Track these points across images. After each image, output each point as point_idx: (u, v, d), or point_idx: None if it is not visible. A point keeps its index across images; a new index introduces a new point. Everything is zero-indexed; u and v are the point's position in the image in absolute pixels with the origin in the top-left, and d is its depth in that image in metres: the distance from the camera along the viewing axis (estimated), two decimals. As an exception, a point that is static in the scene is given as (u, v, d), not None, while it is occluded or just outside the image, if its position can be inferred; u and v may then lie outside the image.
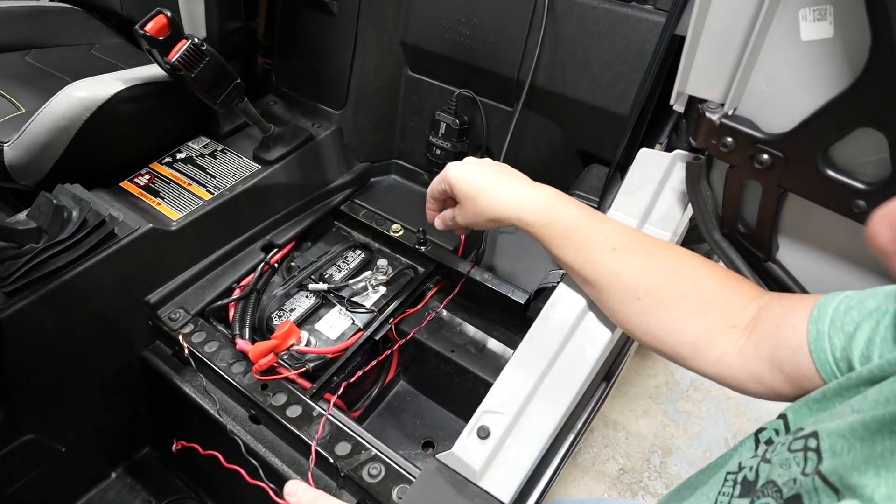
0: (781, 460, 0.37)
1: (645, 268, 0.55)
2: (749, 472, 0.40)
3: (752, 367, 0.49)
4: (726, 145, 0.57)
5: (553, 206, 0.58)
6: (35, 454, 0.80)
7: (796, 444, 0.37)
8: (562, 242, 0.58)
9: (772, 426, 0.44)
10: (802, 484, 0.34)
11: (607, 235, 0.56)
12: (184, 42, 0.75)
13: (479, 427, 0.58)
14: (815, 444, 0.35)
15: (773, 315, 0.49)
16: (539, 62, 0.84)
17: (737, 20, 0.53)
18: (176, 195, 0.87)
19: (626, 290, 0.55)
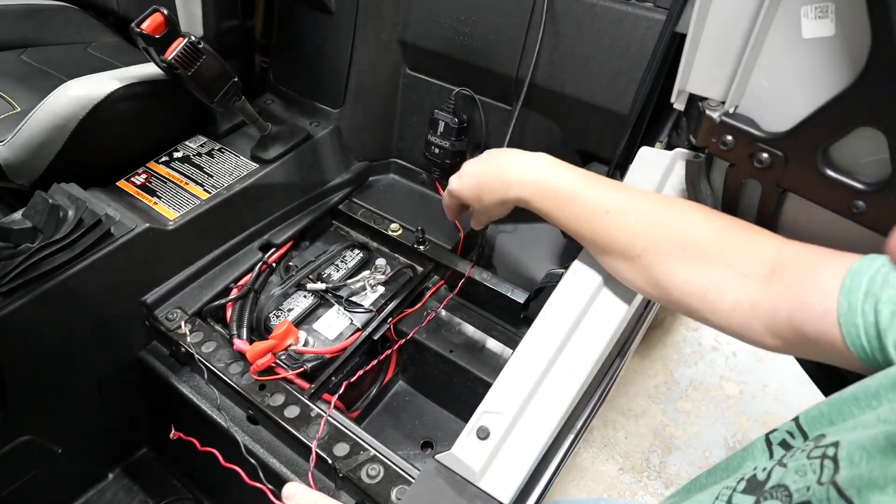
0: (798, 466, 0.36)
1: (640, 224, 0.55)
2: (761, 472, 0.40)
3: (769, 322, 0.47)
4: (726, 144, 0.56)
5: (544, 177, 0.60)
6: (32, 455, 0.79)
7: (815, 452, 0.36)
8: (558, 211, 0.59)
9: (783, 429, 0.43)
10: (816, 492, 0.33)
11: (600, 198, 0.57)
12: (181, 40, 0.75)
13: (478, 427, 0.58)
14: (834, 452, 0.34)
15: (799, 273, 0.46)
16: (538, 60, 0.84)
17: (738, 17, 0.52)
18: (173, 194, 0.87)
19: (625, 249, 0.56)
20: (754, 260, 0.50)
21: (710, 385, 1.41)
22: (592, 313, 0.64)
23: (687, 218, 0.55)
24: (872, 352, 0.40)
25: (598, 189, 0.58)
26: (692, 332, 1.52)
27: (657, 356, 1.46)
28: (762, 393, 1.40)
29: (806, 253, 0.48)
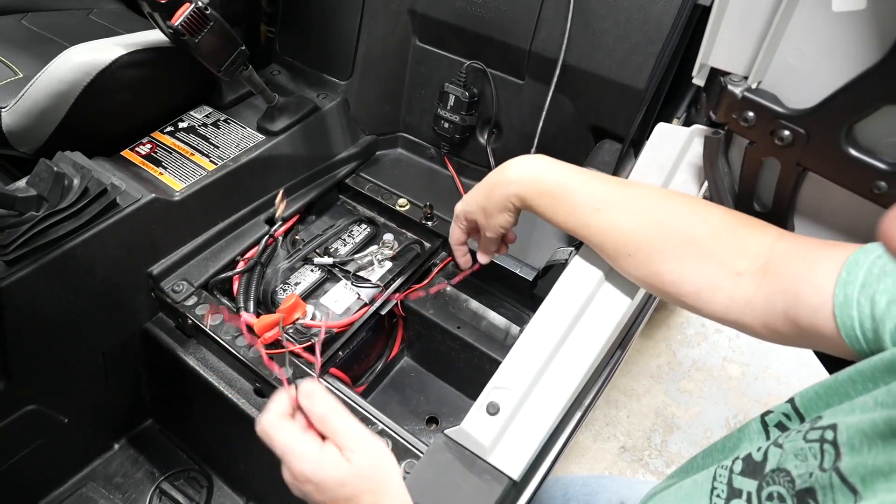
0: (796, 449, 0.36)
1: (632, 223, 0.55)
2: (756, 451, 0.40)
3: (764, 317, 0.48)
4: (747, 120, 0.55)
5: (539, 175, 0.59)
6: (37, 425, 0.80)
7: (812, 434, 0.36)
8: (552, 209, 0.59)
9: (779, 410, 0.43)
10: (818, 479, 0.33)
11: (593, 196, 0.57)
12: (187, 6, 0.73)
13: (488, 403, 0.58)
14: (833, 436, 0.34)
15: (793, 266, 0.46)
16: (552, 34, 0.82)
17: (766, -12, 0.51)
18: (178, 165, 0.86)
19: (617, 247, 0.57)
20: (747, 257, 0.50)
21: (712, 366, 1.42)
22: (604, 291, 0.64)
23: (680, 215, 0.54)
24: (867, 343, 0.40)
25: (592, 186, 0.58)
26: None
27: (661, 337, 1.46)
28: (764, 374, 1.41)
29: (799, 248, 0.48)
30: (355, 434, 0.46)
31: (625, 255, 0.56)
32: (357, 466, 0.45)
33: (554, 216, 0.59)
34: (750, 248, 0.50)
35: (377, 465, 0.46)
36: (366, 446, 0.46)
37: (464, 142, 0.99)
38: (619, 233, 0.56)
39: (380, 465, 0.46)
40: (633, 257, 0.56)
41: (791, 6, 0.50)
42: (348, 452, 0.45)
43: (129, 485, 0.88)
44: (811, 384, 0.41)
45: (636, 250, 0.55)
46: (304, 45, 1.03)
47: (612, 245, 0.57)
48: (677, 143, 0.66)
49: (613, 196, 0.57)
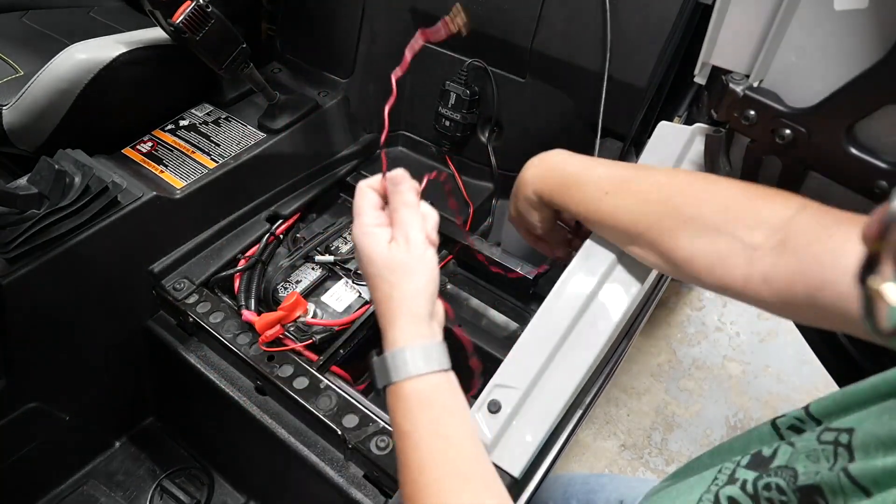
0: (808, 450, 0.36)
1: (640, 204, 0.55)
2: (766, 448, 0.39)
3: (783, 295, 0.46)
4: (748, 118, 0.55)
5: (552, 166, 0.62)
6: (39, 422, 0.80)
7: (827, 436, 0.35)
8: (565, 199, 0.60)
9: (792, 415, 0.42)
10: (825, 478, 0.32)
11: (601, 180, 0.58)
12: (188, 3, 0.73)
13: (489, 401, 0.58)
14: (848, 439, 0.33)
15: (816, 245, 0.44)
16: (553, 32, 0.82)
17: (767, -13, 0.51)
18: (179, 163, 0.86)
19: (627, 230, 0.57)
20: (763, 230, 0.48)
21: (712, 364, 1.42)
22: (604, 291, 0.64)
23: (688, 192, 0.54)
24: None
25: (598, 171, 0.58)
26: (696, 311, 1.52)
27: (661, 335, 1.46)
28: (764, 373, 1.41)
29: (824, 221, 0.45)
30: (409, 232, 0.49)
31: (635, 235, 0.56)
32: (389, 257, 0.48)
33: (569, 206, 0.60)
34: (766, 220, 0.48)
35: (408, 265, 0.48)
36: (411, 246, 0.49)
37: (465, 140, 0.99)
38: (628, 214, 0.56)
39: (410, 267, 0.48)
40: (642, 237, 0.56)
41: (793, 5, 0.50)
42: (393, 243, 0.49)
43: (131, 482, 0.89)
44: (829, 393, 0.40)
45: (646, 229, 0.55)
46: (305, 43, 1.03)
47: (622, 227, 0.57)
48: (679, 142, 0.66)
49: (620, 179, 0.57)
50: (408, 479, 0.45)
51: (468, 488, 0.44)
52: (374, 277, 0.49)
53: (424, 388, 0.47)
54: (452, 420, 0.47)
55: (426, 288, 0.49)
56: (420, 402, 0.47)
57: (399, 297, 0.48)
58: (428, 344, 0.48)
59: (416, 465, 0.45)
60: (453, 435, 0.46)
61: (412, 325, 0.48)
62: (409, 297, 0.48)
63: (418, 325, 0.48)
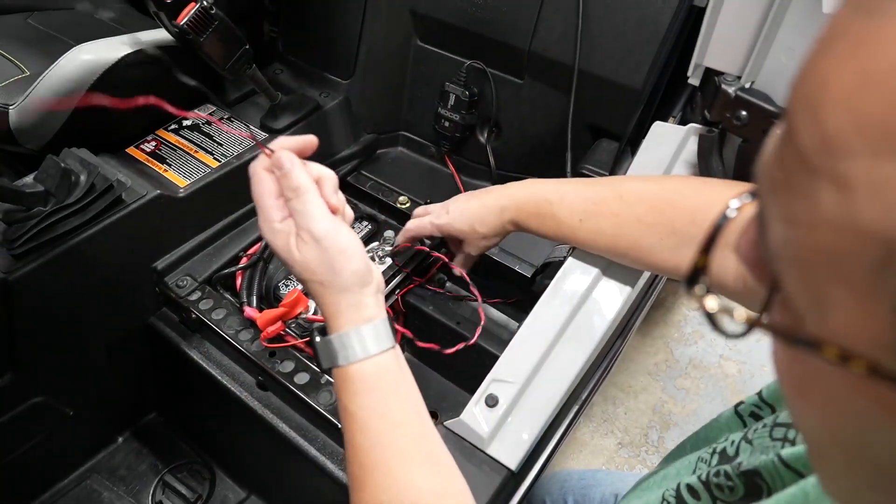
0: (762, 447, 0.38)
1: (615, 227, 0.58)
2: (730, 445, 0.42)
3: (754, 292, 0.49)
4: (740, 119, 0.57)
5: (525, 200, 0.63)
6: (43, 417, 0.81)
7: (777, 433, 0.38)
8: (542, 228, 0.62)
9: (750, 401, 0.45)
10: (762, 462, 0.35)
11: (572, 209, 0.60)
12: (192, 5, 0.74)
13: (487, 395, 0.59)
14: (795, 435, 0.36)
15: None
16: (551, 34, 0.83)
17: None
18: (182, 162, 0.87)
19: (607, 252, 0.60)
20: None
21: (709, 364, 1.43)
22: (600, 288, 0.65)
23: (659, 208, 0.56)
24: None
25: (569, 199, 0.60)
26: (693, 311, 1.53)
27: (658, 334, 1.48)
28: (760, 373, 1.42)
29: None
30: (311, 226, 0.46)
31: (619, 256, 0.60)
32: (304, 260, 0.46)
33: (546, 233, 0.63)
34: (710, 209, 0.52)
35: (325, 260, 0.46)
36: (319, 240, 0.45)
37: (464, 140, 1.00)
38: (606, 238, 0.59)
39: (328, 261, 0.46)
40: (627, 257, 0.59)
41: (782, 8, 0.51)
42: (299, 242, 0.46)
43: (133, 477, 0.90)
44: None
45: (626, 250, 0.58)
46: (306, 45, 1.05)
47: (604, 251, 0.60)
48: (673, 142, 0.67)
49: (591, 205, 0.59)
50: (354, 460, 0.46)
51: (414, 468, 0.45)
52: (299, 278, 0.48)
53: (369, 370, 0.47)
54: (397, 401, 0.47)
55: (354, 274, 0.47)
56: (365, 385, 0.46)
57: (331, 292, 0.47)
58: (371, 326, 0.47)
59: (362, 447, 0.45)
60: (399, 416, 0.46)
61: (352, 309, 0.47)
62: (341, 290, 0.47)
63: (359, 308, 0.47)
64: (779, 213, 0.18)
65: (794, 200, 0.17)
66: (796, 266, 0.17)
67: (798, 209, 0.17)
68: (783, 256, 0.18)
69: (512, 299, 0.86)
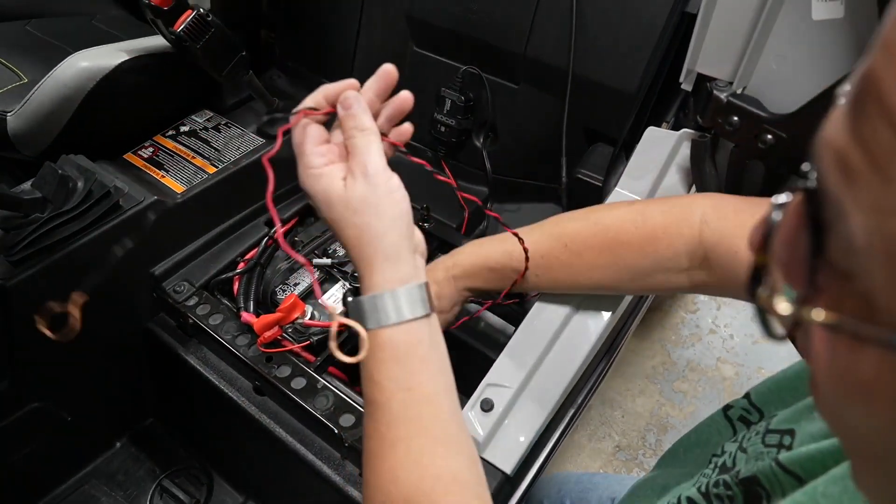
0: (757, 454, 0.38)
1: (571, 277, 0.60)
2: (728, 458, 0.42)
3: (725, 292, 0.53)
4: (732, 124, 0.57)
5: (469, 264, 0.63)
6: (41, 422, 0.81)
7: (771, 439, 0.38)
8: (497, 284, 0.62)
9: (739, 405, 0.46)
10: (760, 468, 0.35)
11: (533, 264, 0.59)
12: (189, 12, 0.75)
13: (482, 399, 0.59)
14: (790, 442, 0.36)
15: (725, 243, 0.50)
16: (546, 39, 0.84)
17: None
18: (180, 168, 0.87)
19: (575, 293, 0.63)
20: (685, 256, 0.54)
21: (706, 366, 1.43)
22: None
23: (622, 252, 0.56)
24: None
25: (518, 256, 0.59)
26: (690, 314, 1.54)
27: (655, 337, 1.48)
28: (757, 375, 1.42)
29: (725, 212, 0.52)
30: (367, 162, 0.43)
31: (597, 298, 0.63)
32: (347, 197, 0.43)
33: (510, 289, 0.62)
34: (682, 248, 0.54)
35: (371, 201, 0.43)
36: (371, 178, 0.43)
37: (460, 145, 1.01)
38: (569, 285, 0.61)
39: (374, 203, 0.43)
40: (606, 298, 0.63)
41: (773, 15, 0.52)
42: (349, 178, 0.43)
43: (131, 482, 0.90)
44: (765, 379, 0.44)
45: (593, 290, 0.61)
46: (303, 50, 1.05)
47: (568, 293, 0.64)
48: (666, 147, 0.68)
49: (540, 259, 0.59)
50: (373, 433, 0.42)
51: (437, 451, 0.41)
52: (336, 222, 0.44)
53: (400, 338, 0.42)
54: (426, 375, 0.42)
55: (398, 222, 0.43)
56: (394, 354, 0.42)
57: (369, 238, 0.43)
58: (406, 288, 0.43)
59: (384, 419, 0.42)
60: (426, 392, 0.42)
61: (389, 265, 0.43)
62: (380, 237, 0.43)
63: (397, 266, 0.43)
64: (861, 203, 0.16)
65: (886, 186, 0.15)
66: (886, 257, 0.16)
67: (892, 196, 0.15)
68: (866, 248, 0.16)
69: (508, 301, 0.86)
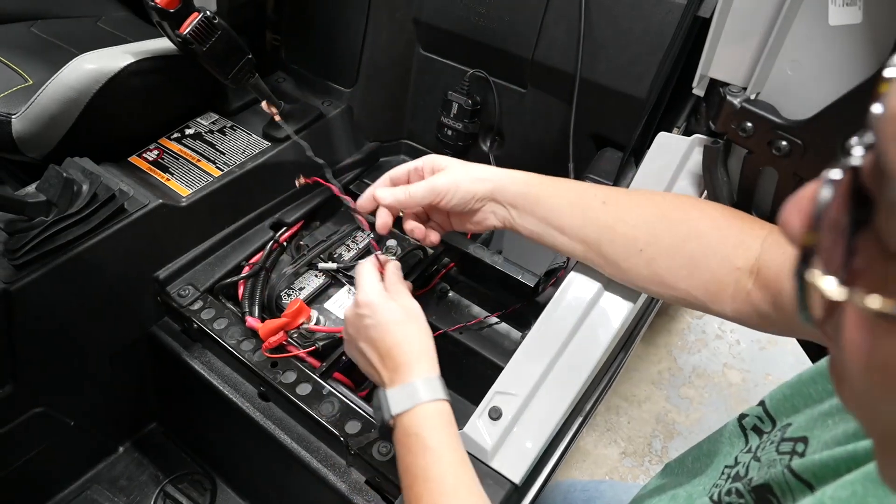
0: (769, 461, 0.38)
1: (638, 217, 0.55)
2: (742, 468, 0.41)
3: (761, 309, 0.49)
4: (745, 130, 0.56)
5: (528, 176, 0.59)
6: (44, 427, 0.80)
7: (784, 447, 0.37)
8: (553, 203, 0.57)
9: (753, 413, 0.45)
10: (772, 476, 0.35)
11: (595, 191, 0.57)
12: (196, 15, 0.74)
13: (490, 408, 0.59)
14: (803, 449, 0.36)
15: (777, 260, 0.48)
16: (554, 43, 0.83)
17: (764, 4, 0.52)
18: (185, 171, 0.87)
19: (627, 242, 0.55)
20: (745, 251, 0.51)
21: (713, 372, 1.42)
22: (605, 299, 0.64)
23: (683, 209, 0.55)
24: None
25: (588, 184, 0.59)
26: (696, 319, 1.53)
27: (661, 343, 1.47)
28: (764, 381, 1.41)
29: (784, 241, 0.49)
30: (415, 304, 0.58)
31: (635, 251, 0.54)
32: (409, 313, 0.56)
33: (552, 212, 0.57)
34: (746, 242, 0.51)
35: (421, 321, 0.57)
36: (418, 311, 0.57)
37: (466, 149, 1.00)
38: (628, 227, 0.55)
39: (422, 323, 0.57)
40: (643, 252, 0.54)
41: (789, 20, 0.51)
42: (406, 305, 0.57)
43: (134, 487, 0.89)
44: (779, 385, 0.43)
45: (646, 245, 0.54)
46: (309, 53, 1.05)
47: (622, 241, 0.55)
48: (678, 153, 0.67)
49: (615, 191, 0.57)
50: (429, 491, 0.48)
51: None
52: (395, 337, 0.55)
53: (443, 408, 0.51)
54: (431, 458, 0.49)
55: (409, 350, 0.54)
56: (442, 420, 0.51)
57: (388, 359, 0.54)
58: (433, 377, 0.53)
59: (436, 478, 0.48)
60: (432, 475, 0.48)
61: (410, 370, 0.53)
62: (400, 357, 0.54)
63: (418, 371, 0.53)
64: None
65: None
66: None
67: None
68: None
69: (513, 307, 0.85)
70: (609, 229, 0.56)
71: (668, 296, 0.56)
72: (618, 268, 0.58)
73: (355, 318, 0.56)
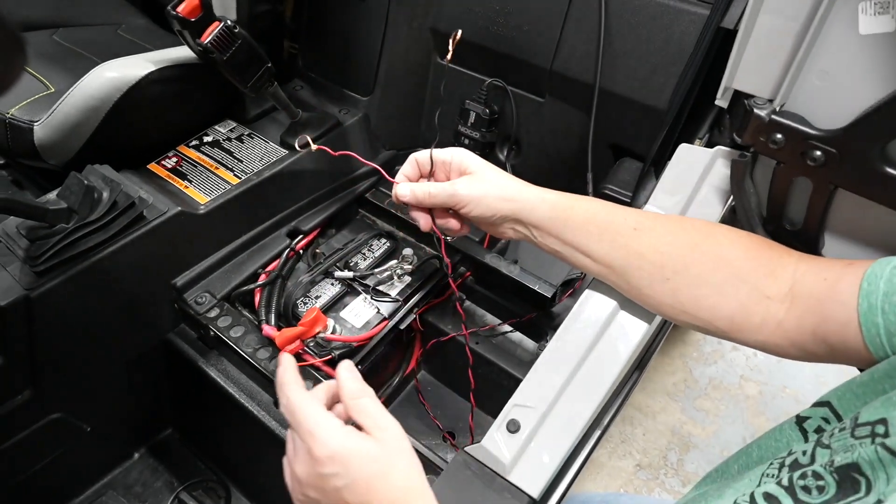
0: (846, 447, 0.37)
1: (669, 245, 0.54)
2: (802, 455, 0.40)
3: (794, 338, 0.49)
4: (776, 142, 0.55)
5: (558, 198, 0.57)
6: (61, 433, 0.81)
7: (861, 431, 0.36)
8: (581, 228, 0.56)
9: (817, 414, 0.44)
10: (862, 455, 0.34)
11: (626, 216, 0.56)
12: (216, 24, 0.75)
13: (508, 420, 0.58)
14: (884, 430, 0.35)
15: (816, 288, 0.48)
16: (574, 53, 0.83)
17: (792, 15, 0.51)
18: (203, 179, 0.87)
19: (654, 271, 0.54)
20: (776, 280, 0.51)
21: (729, 384, 1.40)
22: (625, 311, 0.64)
23: (714, 238, 0.54)
24: (892, 348, 0.41)
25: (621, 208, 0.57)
26: (712, 330, 1.51)
27: (677, 354, 1.45)
28: (782, 394, 1.39)
29: (818, 265, 0.50)
30: (387, 416, 0.45)
31: (662, 279, 0.53)
32: (387, 445, 0.43)
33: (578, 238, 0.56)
34: (777, 271, 0.51)
35: (403, 448, 0.44)
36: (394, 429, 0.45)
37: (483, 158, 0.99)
38: (658, 255, 0.53)
39: (405, 448, 0.45)
40: (670, 281, 0.53)
41: (818, 31, 0.50)
42: (379, 432, 0.43)
43: (149, 494, 0.89)
44: (842, 384, 0.42)
45: (674, 273, 0.53)
46: (326, 62, 1.05)
47: (649, 269, 0.54)
48: (700, 164, 0.66)
49: (646, 217, 0.56)
50: None
51: None
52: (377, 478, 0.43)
53: None
54: None
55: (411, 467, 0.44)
56: None
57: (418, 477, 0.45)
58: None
59: None
60: None
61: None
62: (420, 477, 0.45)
63: None
64: None
65: None
66: None
67: None
68: None
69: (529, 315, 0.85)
70: (639, 257, 0.55)
71: (687, 323, 0.56)
72: (640, 293, 0.57)
73: (316, 480, 0.42)
